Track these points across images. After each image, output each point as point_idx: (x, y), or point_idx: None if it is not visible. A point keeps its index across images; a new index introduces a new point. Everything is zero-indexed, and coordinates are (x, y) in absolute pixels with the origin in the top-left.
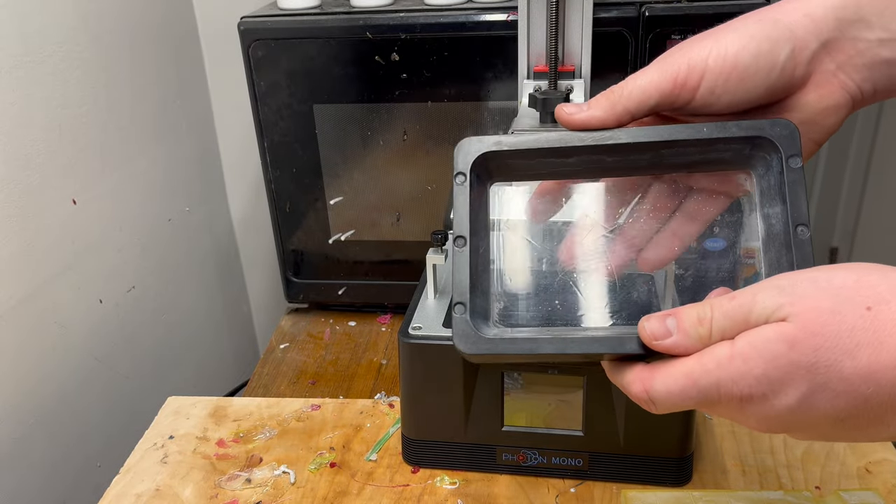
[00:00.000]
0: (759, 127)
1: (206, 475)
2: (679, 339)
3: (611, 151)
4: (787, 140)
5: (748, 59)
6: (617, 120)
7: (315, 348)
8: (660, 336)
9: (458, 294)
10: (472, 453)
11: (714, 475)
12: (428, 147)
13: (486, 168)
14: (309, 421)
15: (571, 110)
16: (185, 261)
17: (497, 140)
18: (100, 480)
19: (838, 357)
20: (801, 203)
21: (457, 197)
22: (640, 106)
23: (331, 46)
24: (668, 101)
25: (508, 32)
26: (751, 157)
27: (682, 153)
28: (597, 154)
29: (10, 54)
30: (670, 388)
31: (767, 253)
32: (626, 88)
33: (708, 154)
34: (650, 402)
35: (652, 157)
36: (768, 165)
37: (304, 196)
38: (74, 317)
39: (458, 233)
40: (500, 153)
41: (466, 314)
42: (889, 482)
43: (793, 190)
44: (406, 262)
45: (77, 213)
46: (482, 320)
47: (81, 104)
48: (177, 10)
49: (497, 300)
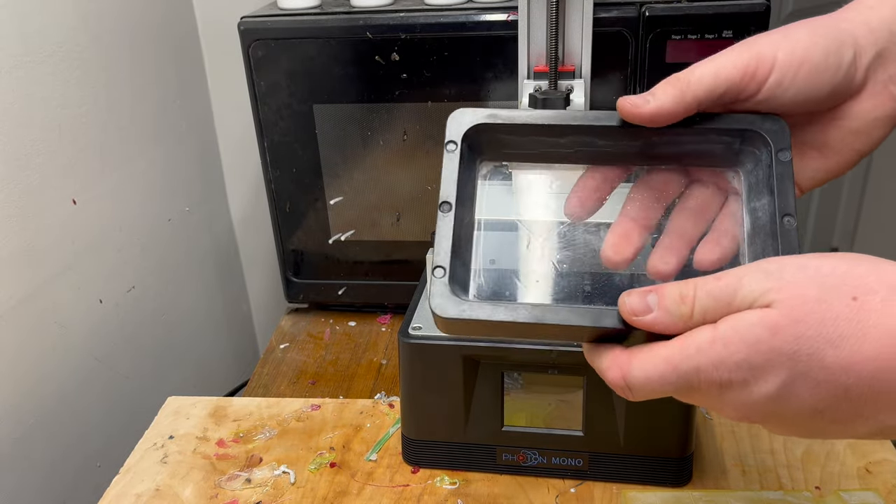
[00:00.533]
0: (751, 121)
1: (206, 475)
2: (659, 316)
3: (603, 134)
4: (777, 134)
5: (818, 56)
6: (685, 110)
7: (315, 348)
8: (640, 311)
9: (439, 258)
10: (472, 453)
11: (714, 475)
12: (428, 147)
13: (478, 141)
14: (309, 421)
15: (637, 102)
16: (185, 261)
17: (491, 113)
18: (100, 480)
19: (821, 346)
20: (789, 194)
21: (446, 164)
22: (708, 94)
23: (331, 46)
24: (735, 92)
25: (508, 32)
26: (740, 153)
27: (674, 142)
28: (589, 136)
29: (10, 54)
30: (649, 373)
31: (752, 245)
32: (695, 76)
33: (699, 145)
34: (626, 388)
35: (643, 145)
36: (757, 160)
37: (304, 196)
38: (74, 317)
39: (444, 198)
40: (492, 126)
41: (445, 278)
42: (889, 482)
43: (781, 182)
44: (406, 262)
45: (77, 213)
46: (461, 290)
47: (81, 104)
48: (177, 10)
49: (476, 276)
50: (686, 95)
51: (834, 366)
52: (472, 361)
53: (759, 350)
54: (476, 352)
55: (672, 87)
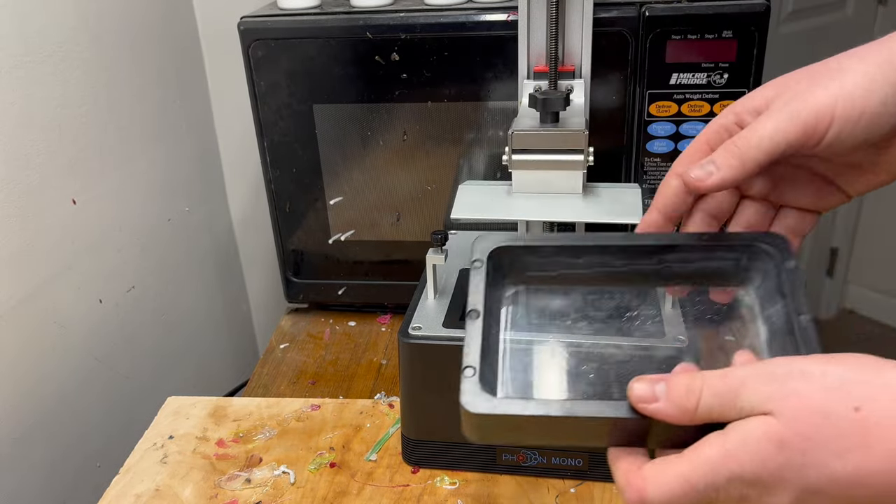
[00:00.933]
0: (755, 238)
1: (206, 475)
2: (664, 406)
3: (618, 254)
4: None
5: (876, 105)
6: (746, 176)
7: (315, 348)
8: (646, 400)
9: (469, 359)
10: (472, 453)
11: None
12: (428, 147)
13: (501, 262)
14: (309, 421)
15: (701, 175)
16: (185, 261)
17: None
18: (99, 480)
19: (828, 459)
20: (800, 296)
21: (472, 278)
22: (769, 156)
23: (331, 46)
24: (795, 149)
25: (508, 32)
26: (748, 269)
27: (685, 259)
28: (605, 255)
29: (10, 54)
30: (664, 493)
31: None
32: (754, 140)
33: (709, 262)
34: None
35: (657, 263)
36: (765, 273)
37: (304, 196)
38: (74, 317)
39: (472, 307)
40: (513, 248)
41: (476, 376)
42: None
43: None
44: (406, 262)
45: (77, 213)
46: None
47: (81, 104)
48: (177, 10)
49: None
50: (747, 164)
51: (843, 479)
52: None
53: (768, 467)
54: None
55: (732, 157)
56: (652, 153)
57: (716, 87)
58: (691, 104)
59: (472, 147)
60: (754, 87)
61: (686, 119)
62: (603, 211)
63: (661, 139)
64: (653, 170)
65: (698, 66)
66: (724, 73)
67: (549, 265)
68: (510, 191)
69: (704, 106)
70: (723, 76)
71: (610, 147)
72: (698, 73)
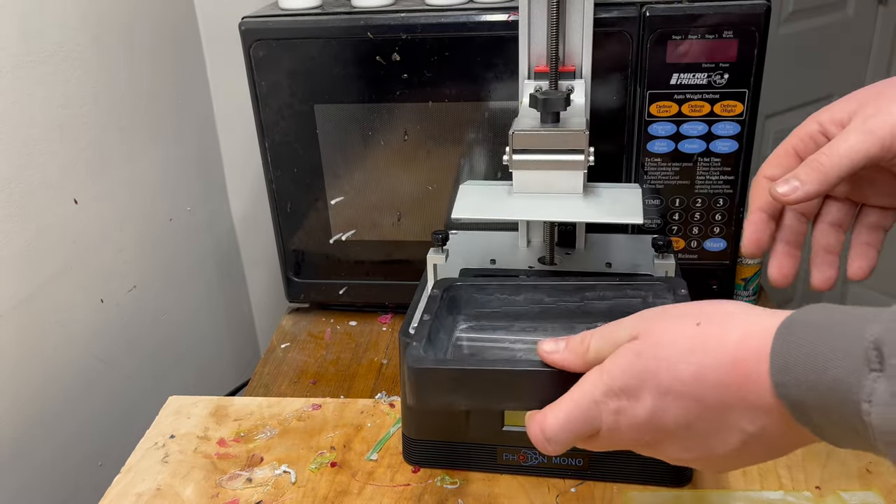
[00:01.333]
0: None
1: (207, 474)
2: (564, 355)
3: (550, 291)
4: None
5: None
6: (830, 187)
7: (316, 348)
8: (549, 351)
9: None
10: (473, 453)
11: (714, 475)
12: (429, 147)
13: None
14: (310, 420)
15: (786, 190)
16: (186, 260)
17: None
18: (101, 480)
19: (675, 362)
20: None
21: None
22: (849, 171)
23: (332, 47)
24: (875, 161)
25: (509, 33)
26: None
27: (603, 297)
28: (538, 293)
29: (10, 54)
30: (558, 416)
31: None
32: (834, 157)
33: (621, 299)
34: (544, 440)
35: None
36: None
37: (305, 196)
38: (75, 316)
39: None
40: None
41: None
42: (889, 482)
43: None
44: (407, 261)
45: (78, 212)
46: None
47: (82, 104)
48: (178, 10)
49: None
50: (829, 178)
51: (688, 378)
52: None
53: (631, 373)
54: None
55: (815, 172)
56: (652, 153)
57: (716, 88)
58: (692, 104)
59: (473, 147)
60: (755, 88)
61: (686, 119)
62: (603, 211)
63: (661, 139)
64: (653, 170)
65: (699, 66)
66: (724, 74)
67: (495, 302)
68: (511, 191)
69: (705, 106)
70: (723, 76)
71: (610, 147)
72: (699, 73)
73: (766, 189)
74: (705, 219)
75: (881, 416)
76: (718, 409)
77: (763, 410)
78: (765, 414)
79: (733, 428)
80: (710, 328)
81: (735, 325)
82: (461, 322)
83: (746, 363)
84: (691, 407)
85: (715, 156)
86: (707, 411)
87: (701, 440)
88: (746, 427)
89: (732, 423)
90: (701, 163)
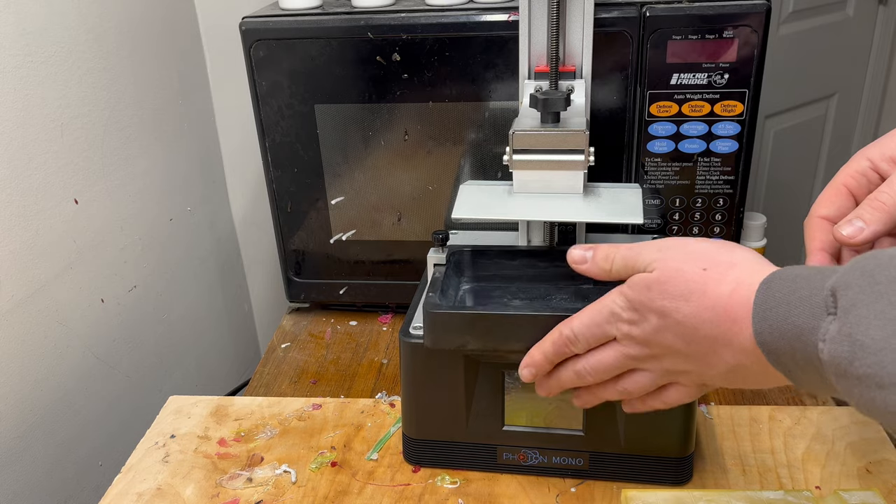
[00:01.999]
0: None
1: (208, 474)
2: (590, 266)
3: (541, 257)
4: None
5: None
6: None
7: (316, 348)
8: (578, 261)
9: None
10: (473, 452)
11: (714, 475)
12: (429, 147)
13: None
14: (310, 420)
15: (851, 232)
16: (187, 260)
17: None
18: (101, 479)
19: (678, 299)
20: None
21: None
22: None
23: (332, 47)
24: None
25: (509, 33)
26: None
27: None
28: (532, 258)
29: (11, 54)
30: (583, 318)
31: None
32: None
33: None
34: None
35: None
36: None
37: (306, 196)
38: (76, 316)
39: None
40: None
41: (437, 294)
42: (889, 482)
43: None
44: (407, 261)
45: (78, 212)
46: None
47: (83, 104)
48: (178, 10)
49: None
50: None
51: (687, 312)
52: (473, 361)
53: (641, 299)
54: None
55: (879, 212)
56: (652, 153)
57: (716, 87)
58: (692, 104)
59: (473, 147)
60: (755, 88)
61: (686, 119)
62: (603, 211)
63: (661, 139)
64: (653, 170)
65: (699, 66)
66: (724, 74)
67: (493, 266)
68: (511, 191)
69: (705, 106)
70: (723, 76)
71: (610, 147)
72: (699, 73)
73: (822, 229)
74: (705, 219)
75: (830, 353)
76: (709, 341)
77: (745, 352)
78: (746, 355)
79: (722, 357)
80: (712, 274)
81: (733, 276)
82: (465, 283)
83: (735, 310)
84: (688, 334)
85: (715, 156)
86: (701, 340)
87: (697, 358)
88: (730, 360)
89: (721, 354)
90: (701, 163)
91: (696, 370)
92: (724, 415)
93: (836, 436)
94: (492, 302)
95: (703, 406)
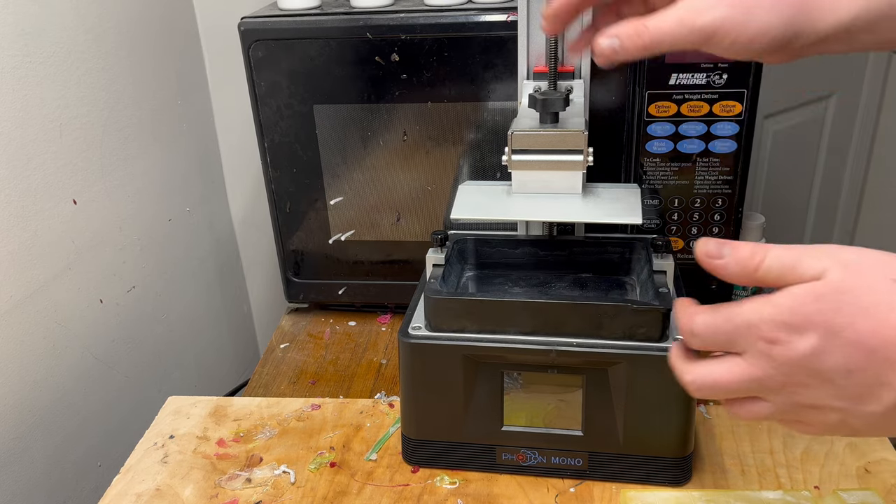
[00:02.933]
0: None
1: (207, 475)
2: (728, 263)
3: (542, 246)
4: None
5: None
6: None
7: (315, 348)
8: (713, 256)
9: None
10: (472, 453)
11: (713, 475)
12: (428, 147)
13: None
14: (309, 421)
15: None
16: (186, 260)
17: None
18: (100, 480)
19: (855, 313)
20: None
21: None
22: None
23: (331, 47)
24: None
25: (508, 33)
26: (630, 260)
27: (587, 253)
28: (533, 247)
29: (9, 54)
30: (708, 321)
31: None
32: None
33: (602, 255)
34: (691, 330)
35: (568, 255)
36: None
37: (305, 196)
38: (75, 316)
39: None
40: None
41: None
42: (888, 482)
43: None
44: (406, 262)
45: (77, 212)
46: None
47: (81, 104)
48: (177, 11)
49: None
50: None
51: (864, 330)
52: (472, 361)
53: (803, 312)
54: (476, 351)
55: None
56: (651, 153)
57: (715, 88)
58: (691, 104)
59: (472, 147)
60: (753, 88)
61: (685, 119)
62: (602, 211)
63: (660, 139)
64: (652, 170)
65: (697, 66)
66: (723, 74)
67: (496, 255)
68: (510, 191)
69: (704, 106)
70: (722, 76)
71: (609, 147)
72: (697, 73)
73: None
74: (704, 219)
75: None
76: (884, 365)
77: None
78: None
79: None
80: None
81: None
82: (468, 270)
83: None
84: (858, 356)
85: (714, 156)
86: (873, 364)
87: (856, 389)
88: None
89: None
90: (700, 163)
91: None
92: (723, 415)
93: (834, 436)
94: (493, 289)
95: (702, 406)
